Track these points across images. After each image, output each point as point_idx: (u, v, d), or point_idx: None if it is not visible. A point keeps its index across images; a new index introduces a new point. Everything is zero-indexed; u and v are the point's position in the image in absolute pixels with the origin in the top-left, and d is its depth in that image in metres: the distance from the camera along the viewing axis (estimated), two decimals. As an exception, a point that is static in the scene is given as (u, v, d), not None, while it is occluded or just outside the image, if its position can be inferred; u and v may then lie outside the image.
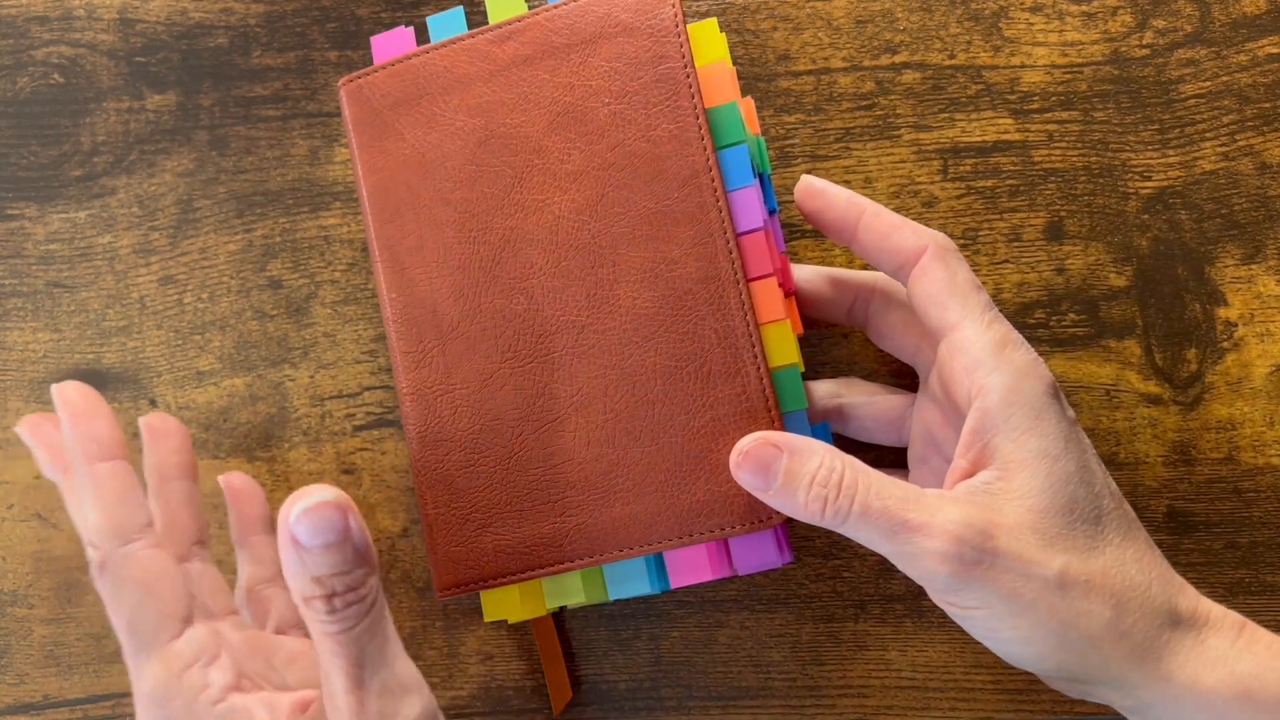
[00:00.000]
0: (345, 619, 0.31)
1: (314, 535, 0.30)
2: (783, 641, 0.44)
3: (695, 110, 0.38)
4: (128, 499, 0.35)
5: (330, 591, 0.31)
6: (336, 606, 0.31)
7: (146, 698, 0.34)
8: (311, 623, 0.32)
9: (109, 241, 0.49)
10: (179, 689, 0.33)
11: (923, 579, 0.34)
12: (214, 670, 0.34)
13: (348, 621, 0.31)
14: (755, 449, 0.35)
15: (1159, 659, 0.33)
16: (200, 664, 0.34)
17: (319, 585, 0.31)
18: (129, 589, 0.34)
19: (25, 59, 0.50)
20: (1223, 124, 0.44)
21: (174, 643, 0.34)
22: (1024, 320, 0.44)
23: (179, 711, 0.33)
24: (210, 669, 0.34)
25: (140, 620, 0.34)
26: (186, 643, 0.34)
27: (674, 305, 0.37)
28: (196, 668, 0.34)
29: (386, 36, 0.42)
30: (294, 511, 0.30)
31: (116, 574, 0.34)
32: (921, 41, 0.46)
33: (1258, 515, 0.42)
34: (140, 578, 0.34)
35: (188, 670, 0.34)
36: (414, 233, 0.40)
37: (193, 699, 0.33)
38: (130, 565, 0.34)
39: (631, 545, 0.38)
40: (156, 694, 0.33)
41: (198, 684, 0.33)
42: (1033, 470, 0.34)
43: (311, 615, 0.31)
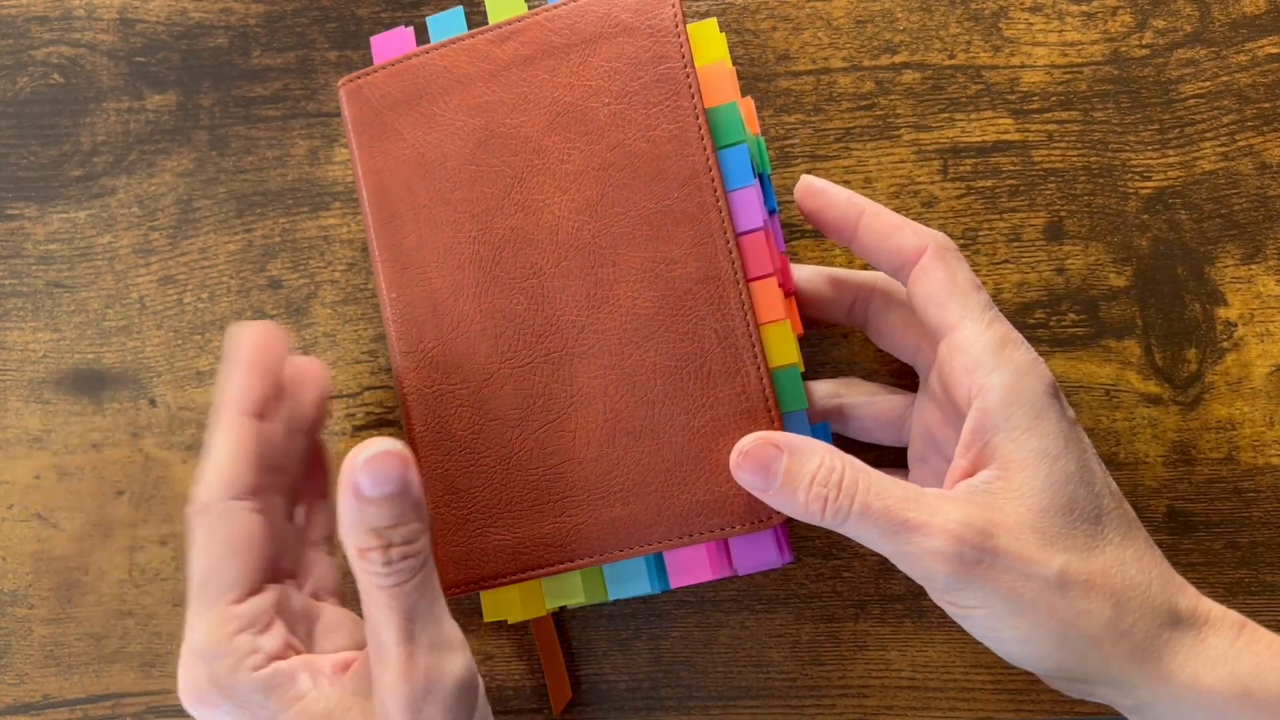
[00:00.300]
0: (400, 572, 0.32)
1: (376, 485, 0.31)
2: (783, 641, 0.44)
3: (695, 110, 0.38)
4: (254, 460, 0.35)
5: (387, 543, 0.32)
6: (393, 558, 0.32)
7: (194, 651, 0.34)
8: (365, 575, 0.32)
9: (109, 241, 0.49)
10: (228, 650, 0.33)
11: (923, 579, 0.34)
12: (264, 638, 0.34)
13: (402, 575, 0.32)
14: (755, 449, 0.35)
15: (1159, 658, 0.33)
16: (253, 630, 0.34)
17: (376, 536, 0.31)
18: (217, 543, 0.34)
19: (25, 59, 0.50)
20: (1223, 124, 0.44)
21: (236, 605, 0.34)
22: (1024, 320, 0.44)
23: (222, 672, 0.33)
24: (261, 636, 0.34)
25: (215, 576, 0.34)
26: (248, 607, 0.34)
27: (674, 305, 0.37)
28: (249, 633, 0.34)
29: (386, 36, 0.42)
30: (359, 459, 0.31)
31: (212, 523, 0.34)
32: (921, 41, 0.46)
33: (1258, 515, 0.42)
34: (232, 537, 0.34)
35: (240, 634, 0.34)
36: (414, 233, 0.40)
37: (238, 662, 0.33)
38: (228, 521, 0.34)
39: (631, 545, 0.38)
40: (205, 650, 0.33)
41: (246, 648, 0.33)
42: (1033, 470, 0.34)
43: (366, 568, 0.32)
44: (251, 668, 0.33)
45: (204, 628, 0.34)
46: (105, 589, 0.47)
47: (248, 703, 0.33)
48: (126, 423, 0.48)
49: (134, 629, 0.47)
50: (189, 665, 0.34)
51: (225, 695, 0.33)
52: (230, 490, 0.35)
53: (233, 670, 0.33)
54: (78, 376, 0.48)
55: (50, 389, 0.48)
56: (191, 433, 0.47)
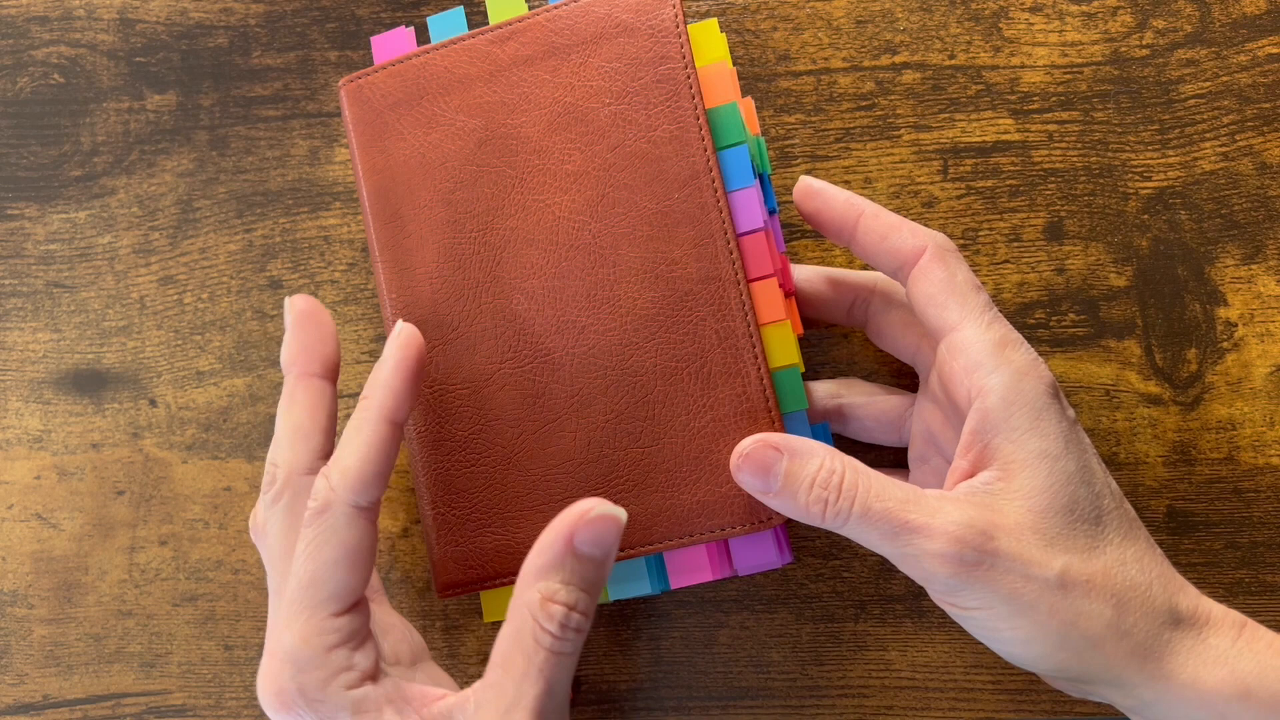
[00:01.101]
0: (567, 640, 0.32)
1: (592, 544, 0.31)
2: (783, 642, 0.44)
3: (696, 111, 0.38)
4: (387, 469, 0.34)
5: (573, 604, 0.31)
6: (569, 623, 0.31)
7: (284, 656, 0.33)
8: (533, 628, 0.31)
9: (109, 241, 0.49)
10: (323, 661, 0.33)
11: (924, 580, 0.34)
12: (359, 654, 0.33)
13: (566, 645, 0.32)
14: (755, 451, 0.35)
15: (1160, 658, 0.33)
16: (350, 645, 0.33)
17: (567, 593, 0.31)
18: (331, 548, 0.33)
19: (25, 59, 0.50)
20: (1223, 124, 0.44)
21: (337, 618, 0.33)
22: (1024, 320, 0.44)
23: (313, 684, 0.32)
24: (357, 652, 0.33)
25: (322, 583, 0.33)
26: (348, 621, 0.33)
27: (674, 306, 0.37)
28: (346, 648, 0.33)
29: (387, 37, 0.42)
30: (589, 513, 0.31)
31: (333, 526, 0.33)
32: (921, 42, 0.46)
33: (1258, 515, 0.42)
34: (347, 545, 0.33)
35: (338, 649, 0.33)
36: (414, 233, 0.40)
37: (331, 676, 0.33)
38: (348, 528, 0.33)
39: (631, 545, 0.38)
40: (299, 659, 0.33)
41: (341, 663, 0.33)
42: (1033, 470, 0.34)
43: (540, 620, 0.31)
44: (345, 685, 0.33)
45: (301, 635, 0.33)
46: (105, 589, 0.47)
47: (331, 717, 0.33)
48: (126, 423, 0.48)
49: (134, 629, 0.47)
50: (278, 669, 0.33)
51: (311, 707, 0.33)
52: (359, 495, 0.33)
53: (324, 684, 0.33)
54: (78, 376, 0.48)
55: (50, 389, 0.48)
56: (192, 433, 0.47)
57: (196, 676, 0.46)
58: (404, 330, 0.35)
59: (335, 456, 0.34)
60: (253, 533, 0.37)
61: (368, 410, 0.35)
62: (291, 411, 0.36)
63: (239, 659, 0.46)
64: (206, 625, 0.46)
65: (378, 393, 0.35)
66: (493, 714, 0.32)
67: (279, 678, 0.33)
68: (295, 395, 0.36)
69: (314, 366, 0.36)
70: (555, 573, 0.32)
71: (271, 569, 0.35)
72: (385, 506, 0.46)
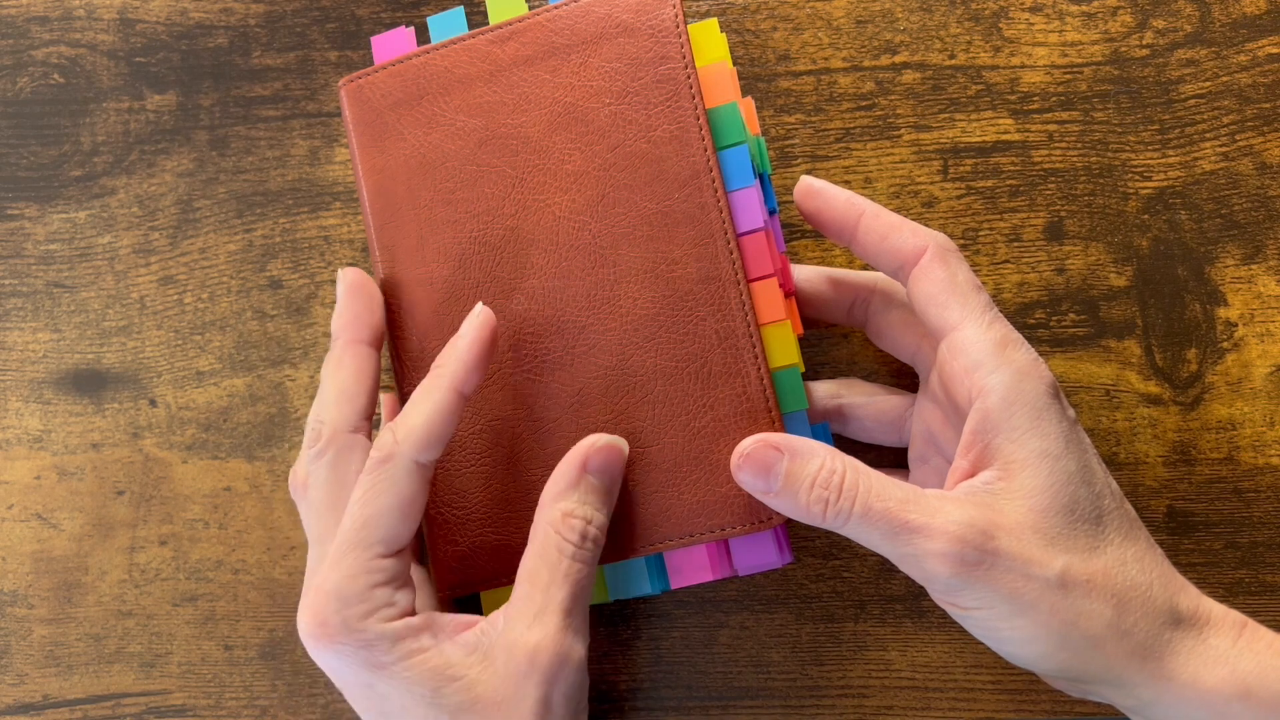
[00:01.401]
0: (586, 550, 0.36)
1: (602, 469, 0.36)
2: (783, 642, 0.44)
3: (696, 111, 0.38)
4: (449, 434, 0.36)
5: (589, 519, 0.36)
6: (588, 534, 0.35)
7: (330, 590, 0.35)
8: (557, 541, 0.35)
9: (109, 241, 0.49)
10: (367, 597, 0.35)
11: (924, 580, 0.34)
12: (401, 594, 0.35)
13: (586, 555, 0.36)
14: (756, 451, 0.35)
15: (1160, 658, 0.33)
16: (393, 586, 0.35)
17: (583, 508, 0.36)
18: (388, 494, 0.35)
19: (25, 59, 0.50)
20: (1223, 124, 0.44)
21: (384, 559, 0.35)
22: (1024, 320, 0.44)
23: (356, 617, 0.34)
24: (399, 592, 0.35)
25: (374, 526, 0.35)
26: (394, 563, 0.35)
27: (675, 306, 0.37)
28: (389, 587, 0.35)
29: (387, 36, 0.42)
30: (597, 443, 0.36)
31: (392, 474, 0.35)
32: (921, 42, 0.46)
33: (1258, 515, 0.42)
34: (403, 495, 0.35)
35: (382, 587, 0.35)
36: (414, 233, 0.40)
37: (372, 610, 0.34)
38: (406, 479, 0.35)
39: (632, 546, 0.38)
40: (345, 594, 0.34)
41: (384, 600, 0.35)
42: (1034, 470, 0.34)
43: (563, 534, 0.35)
44: (385, 619, 0.35)
45: (349, 571, 0.35)
46: (105, 589, 0.47)
47: (373, 647, 0.34)
48: (126, 423, 0.48)
49: (134, 629, 0.47)
50: (322, 603, 0.35)
51: (353, 636, 0.34)
52: (420, 452, 0.35)
53: (365, 616, 0.34)
54: (78, 376, 0.48)
55: (50, 389, 0.48)
56: (192, 433, 0.47)
57: (196, 676, 0.46)
58: (482, 311, 0.37)
59: (403, 414, 0.36)
60: (292, 488, 0.38)
61: (440, 378, 0.36)
62: (339, 374, 0.38)
63: (239, 659, 0.46)
64: (206, 625, 0.46)
65: (451, 364, 0.37)
66: (524, 621, 0.35)
67: (323, 610, 0.35)
68: (344, 359, 0.38)
69: (363, 334, 0.39)
70: (572, 493, 0.36)
71: (315, 519, 0.37)
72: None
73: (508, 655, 0.35)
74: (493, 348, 0.37)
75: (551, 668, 0.34)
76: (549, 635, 0.34)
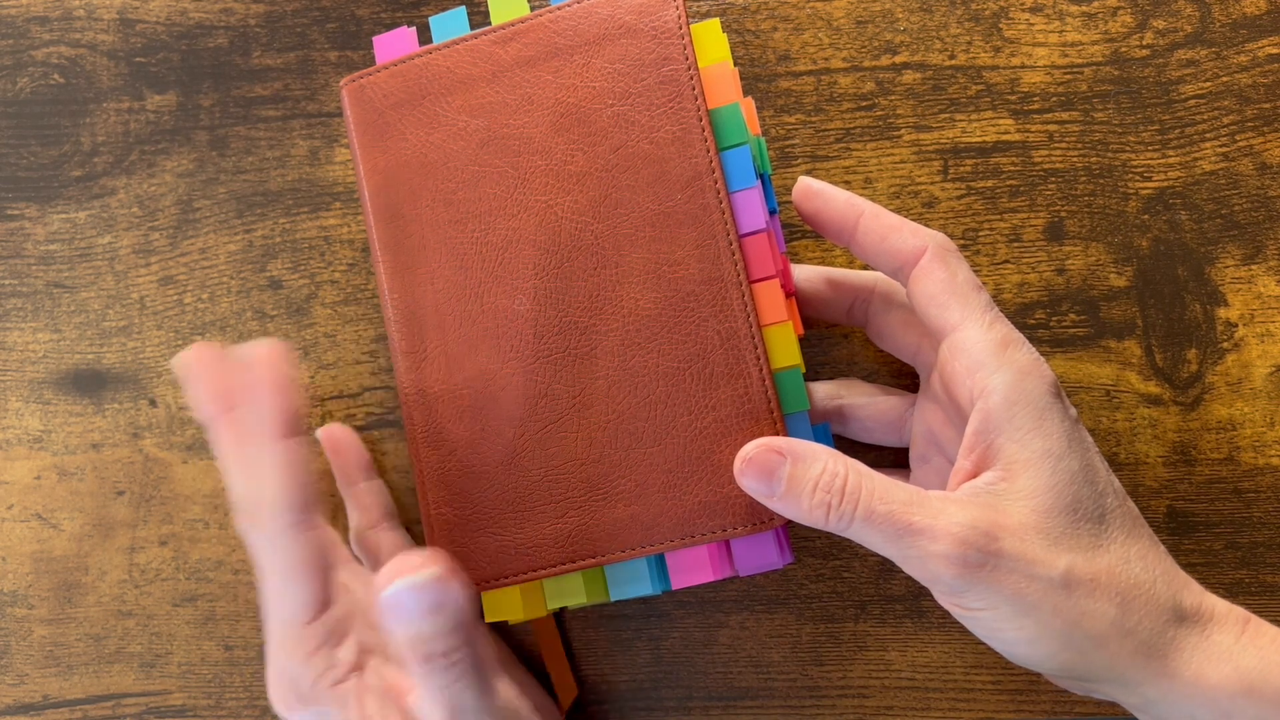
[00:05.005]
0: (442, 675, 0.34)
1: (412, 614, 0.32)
2: (783, 642, 0.44)
3: (698, 112, 0.38)
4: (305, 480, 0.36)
5: (428, 653, 0.33)
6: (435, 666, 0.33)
7: (278, 669, 0.36)
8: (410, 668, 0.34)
9: (109, 242, 0.49)
10: (308, 666, 0.35)
11: (928, 581, 0.34)
12: (341, 649, 0.36)
13: (444, 678, 0.34)
14: (758, 455, 0.35)
15: (1164, 656, 0.33)
16: (329, 646, 0.36)
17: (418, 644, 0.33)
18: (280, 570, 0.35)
19: (25, 59, 0.50)
20: (1223, 124, 0.44)
21: (311, 625, 0.36)
22: (1024, 320, 0.44)
23: (305, 686, 0.35)
24: (337, 649, 0.36)
25: (286, 601, 0.36)
26: (319, 626, 0.36)
27: (676, 307, 0.37)
28: (325, 649, 0.36)
29: (389, 36, 0.42)
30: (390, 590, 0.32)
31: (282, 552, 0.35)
32: (921, 42, 0.46)
33: (1258, 515, 0.42)
34: (297, 560, 0.35)
35: (317, 652, 0.36)
36: (416, 233, 0.40)
37: (319, 677, 0.35)
38: (292, 546, 0.35)
39: (633, 546, 0.38)
40: (287, 670, 0.36)
41: (323, 664, 0.36)
42: (1036, 470, 0.34)
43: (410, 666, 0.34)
44: (330, 683, 0.36)
45: (285, 650, 0.36)
46: (105, 589, 0.47)
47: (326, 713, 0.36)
48: (126, 423, 0.48)
49: (134, 629, 0.47)
50: (276, 677, 0.36)
51: (308, 704, 0.36)
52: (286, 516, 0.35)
53: (314, 684, 0.36)
54: (78, 377, 0.48)
55: (50, 389, 0.48)
56: (192, 433, 0.47)
57: (196, 676, 0.46)
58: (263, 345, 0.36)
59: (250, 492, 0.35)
60: None
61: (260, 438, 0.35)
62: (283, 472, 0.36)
63: (239, 659, 0.46)
64: (206, 625, 0.46)
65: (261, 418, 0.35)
66: None
67: (279, 687, 0.36)
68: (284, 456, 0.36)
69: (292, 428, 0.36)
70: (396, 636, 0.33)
71: None
72: (386, 507, 0.46)
73: None
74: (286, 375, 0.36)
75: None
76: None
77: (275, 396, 0.35)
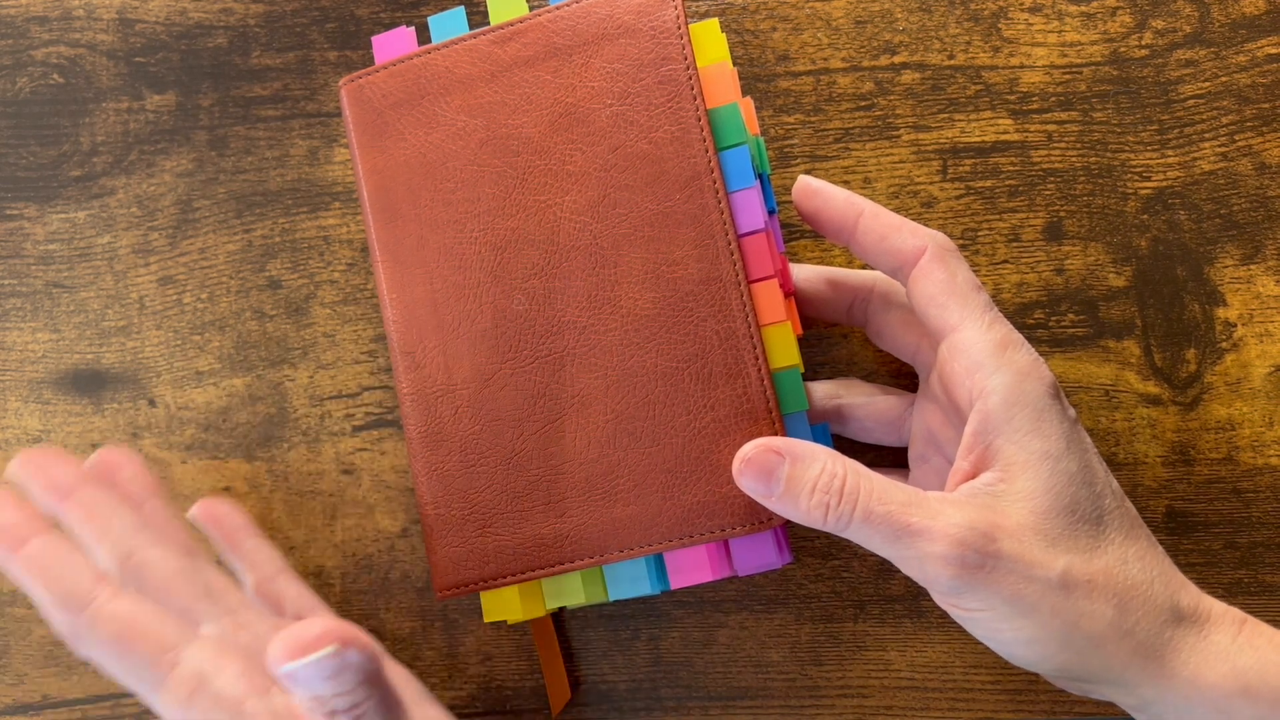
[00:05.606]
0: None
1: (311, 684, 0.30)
2: (782, 642, 0.44)
3: (697, 112, 0.38)
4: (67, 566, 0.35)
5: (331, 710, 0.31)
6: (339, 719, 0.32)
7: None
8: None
9: (108, 241, 0.49)
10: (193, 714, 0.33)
11: (926, 582, 0.34)
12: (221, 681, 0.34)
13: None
14: (757, 455, 0.35)
15: (1162, 657, 0.33)
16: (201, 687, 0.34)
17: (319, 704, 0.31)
18: (106, 649, 0.34)
19: (25, 59, 0.50)
20: (1222, 124, 0.44)
21: (172, 673, 0.34)
22: (1023, 320, 0.44)
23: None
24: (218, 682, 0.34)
25: (131, 671, 0.34)
26: (184, 671, 0.34)
27: (675, 306, 0.37)
28: (201, 691, 0.33)
29: (388, 36, 0.42)
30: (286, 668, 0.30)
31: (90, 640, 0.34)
32: (921, 42, 0.46)
33: (1257, 515, 0.42)
34: (112, 634, 0.34)
35: (194, 694, 0.33)
36: (415, 233, 0.40)
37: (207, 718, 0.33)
38: (98, 627, 0.34)
39: (632, 546, 0.38)
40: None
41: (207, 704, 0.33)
42: (1035, 471, 0.34)
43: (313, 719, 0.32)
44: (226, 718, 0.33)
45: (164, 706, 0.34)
46: (105, 589, 0.47)
47: None
48: (126, 423, 0.48)
49: (134, 629, 0.47)
50: None
51: None
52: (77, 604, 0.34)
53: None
54: (77, 376, 0.48)
55: (50, 389, 0.48)
56: (191, 433, 0.47)
57: (196, 676, 0.46)
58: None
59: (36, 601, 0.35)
60: None
61: None
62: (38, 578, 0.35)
63: (239, 659, 0.46)
64: (206, 625, 0.46)
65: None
66: None
67: None
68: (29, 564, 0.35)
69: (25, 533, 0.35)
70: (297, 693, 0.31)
71: None
72: (385, 506, 0.46)
73: None
74: None
75: None
76: None
77: None
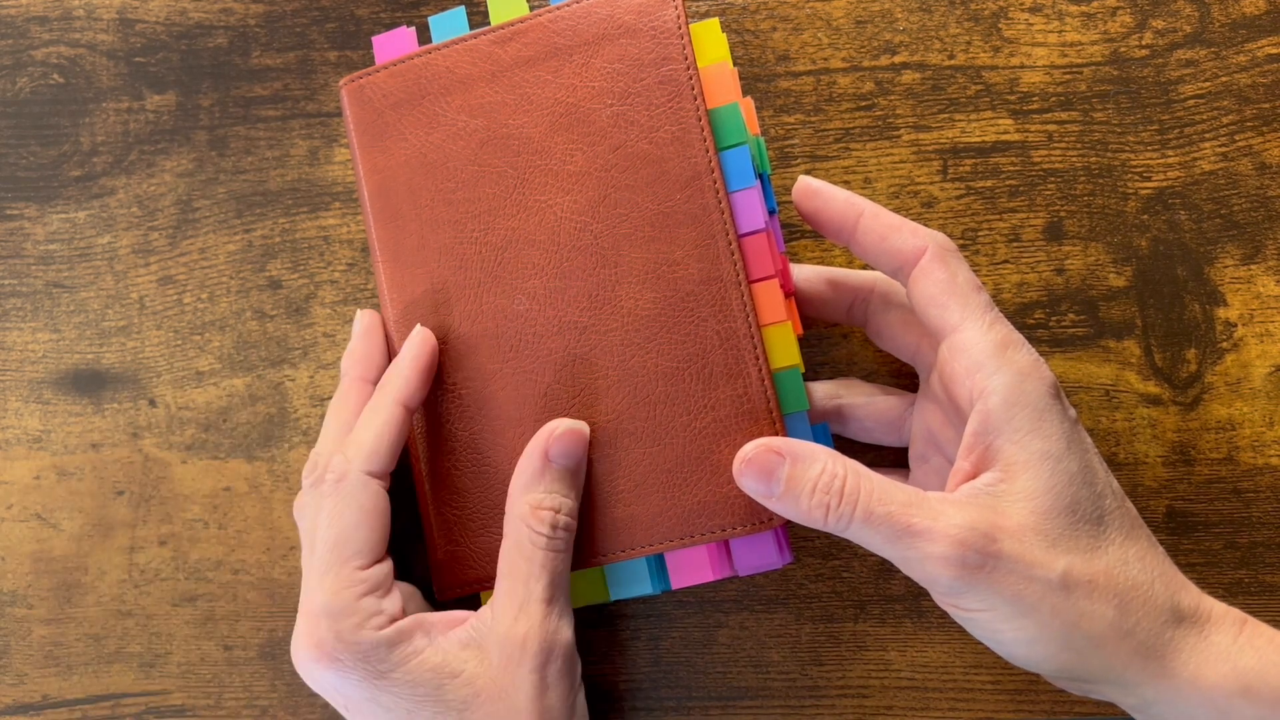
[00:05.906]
0: (558, 539, 0.36)
1: (563, 457, 0.37)
2: (782, 642, 0.44)
3: (697, 112, 0.38)
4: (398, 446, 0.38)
5: (557, 508, 0.36)
6: (558, 523, 0.36)
7: (320, 610, 0.36)
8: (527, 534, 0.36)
9: (108, 241, 0.49)
10: (354, 609, 0.36)
11: (926, 582, 0.34)
12: (386, 600, 0.37)
13: (558, 543, 0.36)
14: (757, 456, 0.35)
15: (1162, 657, 0.33)
16: (378, 594, 0.37)
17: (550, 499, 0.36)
18: (351, 511, 0.37)
19: (25, 59, 0.50)
20: (1222, 124, 0.44)
21: (363, 570, 0.37)
22: (1023, 320, 0.44)
23: (348, 629, 0.36)
24: (384, 599, 0.37)
25: (347, 541, 0.37)
26: (374, 572, 0.37)
27: (676, 306, 0.37)
28: (374, 596, 0.36)
29: (388, 36, 0.42)
30: (556, 431, 0.37)
31: (350, 492, 0.37)
32: (921, 42, 0.46)
33: (1257, 515, 0.42)
34: (365, 507, 0.37)
35: (366, 596, 0.36)
36: (415, 233, 0.40)
37: (364, 620, 0.36)
38: (363, 493, 0.37)
39: (633, 546, 0.38)
40: (333, 609, 0.36)
41: (371, 609, 0.36)
42: (1035, 471, 0.34)
43: (533, 526, 0.36)
44: (376, 626, 0.36)
45: (332, 589, 0.36)
46: (105, 589, 0.47)
47: (370, 657, 0.36)
48: (126, 423, 0.48)
49: (134, 629, 0.47)
50: (313, 623, 0.36)
51: (349, 650, 0.36)
52: (371, 466, 0.37)
53: (358, 627, 0.36)
54: (77, 376, 0.48)
55: (50, 389, 0.48)
56: (191, 433, 0.47)
57: (196, 676, 0.46)
58: (420, 331, 0.40)
59: (354, 433, 0.38)
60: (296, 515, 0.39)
61: (384, 395, 0.39)
62: (342, 410, 0.40)
63: (238, 659, 0.46)
64: (206, 625, 0.46)
65: (394, 381, 0.39)
66: (510, 615, 0.36)
67: (316, 631, 0.36)
68: (349, 396, 0.40)
69: (371, 373, 0.40)
70: (538, 484, 0.37)
71: (306, 545, 0.38)
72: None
73: (500, 648, 0.36)
74: (432, 363, 0.39)
75: (542, 654, 0.36)
76: (534, 625, 0.36)
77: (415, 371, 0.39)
